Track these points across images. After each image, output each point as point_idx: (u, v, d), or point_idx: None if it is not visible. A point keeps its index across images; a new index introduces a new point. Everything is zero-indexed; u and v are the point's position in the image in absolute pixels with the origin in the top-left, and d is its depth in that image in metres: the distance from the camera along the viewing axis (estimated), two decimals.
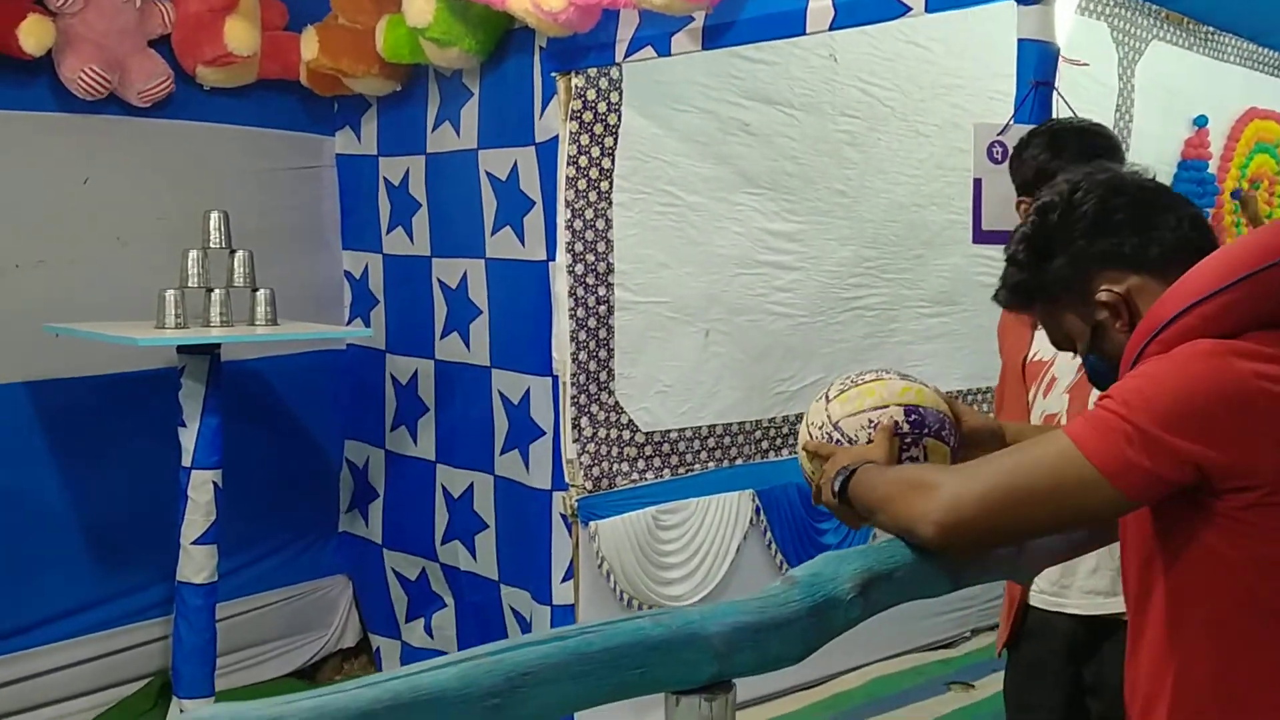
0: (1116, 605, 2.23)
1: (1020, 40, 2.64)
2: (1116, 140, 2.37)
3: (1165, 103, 5.09)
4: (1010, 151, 2.48)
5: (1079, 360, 2.22)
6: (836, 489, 1.57)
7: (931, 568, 1.55)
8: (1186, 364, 1.31)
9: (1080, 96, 3.24)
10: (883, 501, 1.47)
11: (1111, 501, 1.32)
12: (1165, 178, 5.24)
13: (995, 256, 4.82)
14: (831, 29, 2.95)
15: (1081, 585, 2.31)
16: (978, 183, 2.65)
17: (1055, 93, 2.67)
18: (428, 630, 4.31)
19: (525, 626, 3.82)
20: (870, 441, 1.67)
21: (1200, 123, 5.31)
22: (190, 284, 3.54)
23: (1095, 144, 2.26)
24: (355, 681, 1.03)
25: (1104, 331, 1.48)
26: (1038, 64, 2.63)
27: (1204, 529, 1.34)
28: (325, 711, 0.99)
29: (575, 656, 1.17)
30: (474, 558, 4.07)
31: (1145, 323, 1.40)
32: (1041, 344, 2.36)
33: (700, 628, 1.28)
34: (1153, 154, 5.15)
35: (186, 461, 3.54)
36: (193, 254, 3.56)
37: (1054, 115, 2.69)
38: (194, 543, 3.55)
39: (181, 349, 3.50)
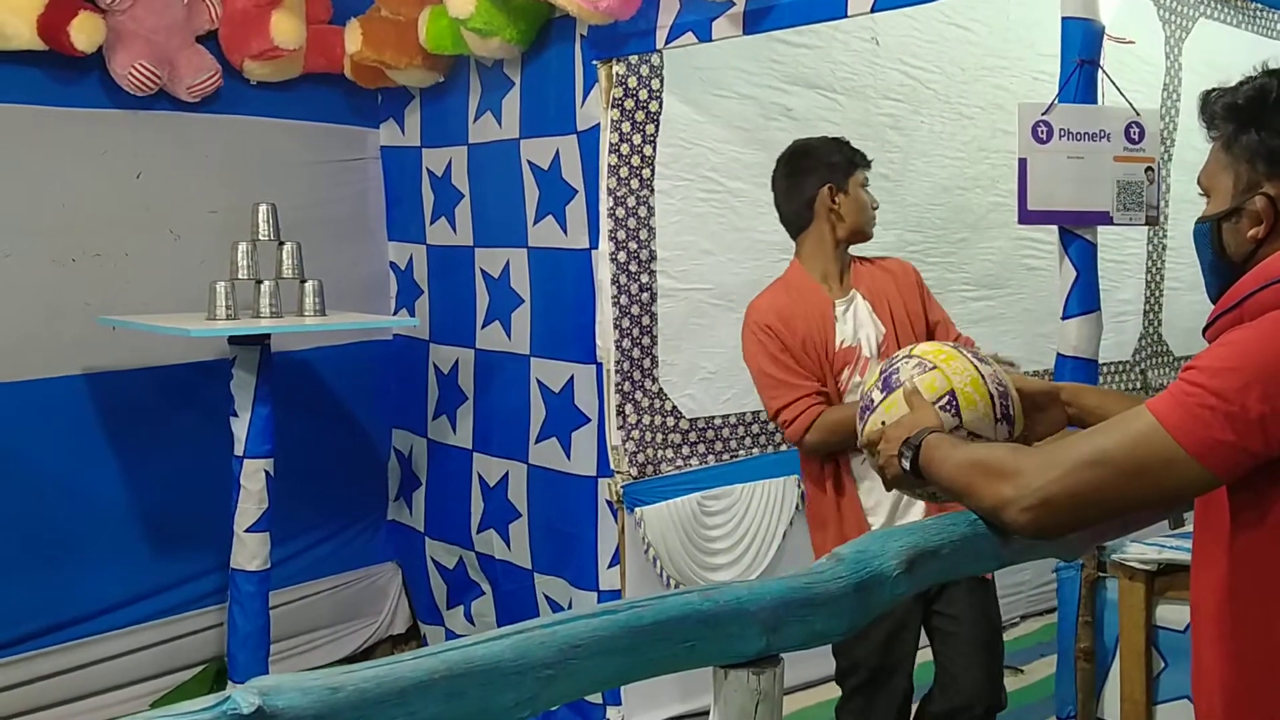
0: None
1: (1064, 19, 2.62)
2: None
3: (1214, 81, 4.93)
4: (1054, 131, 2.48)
5: (878, 336, 2.69)
6: (907, 465, 1.58)
7: (979, 545, 1.56)
8: (1271, 332, 1.30)
9: (1127, 76, 3.22)
10: (964, 486, 1.48)
11: (1200, 479, 1.31)
12: None
13: (1041, 239, 4.78)
14: (873, 11, 2.94)
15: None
16: (1023, 163, 2.64)
17: (1100, 71, 2.64)
18: (468, 617, 4.36)
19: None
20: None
21: None
22: (240, 276, 3.59)
23: None
24: (413, 653, 1.05)
25: (1236, 221, 1.46)
26: (1082, 42, 2.60)
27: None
28: (384, 681, 1.01)
29: (626, 630, 1.19)
30: (508, 546, 4.10)
31: (1260, 271, 1.39)
32: (845, 334, 2.71)
33: (748, 603, 1.30)
34: (1201, 133, 5.07)
35: (239, 450, 3.60)
36: (242, 246, 3.62)
37: (1100, 94, 2.67)
38: (247, 530, 3.61)
39: (232, 340, 3.56)
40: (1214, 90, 1.54)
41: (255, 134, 4.11)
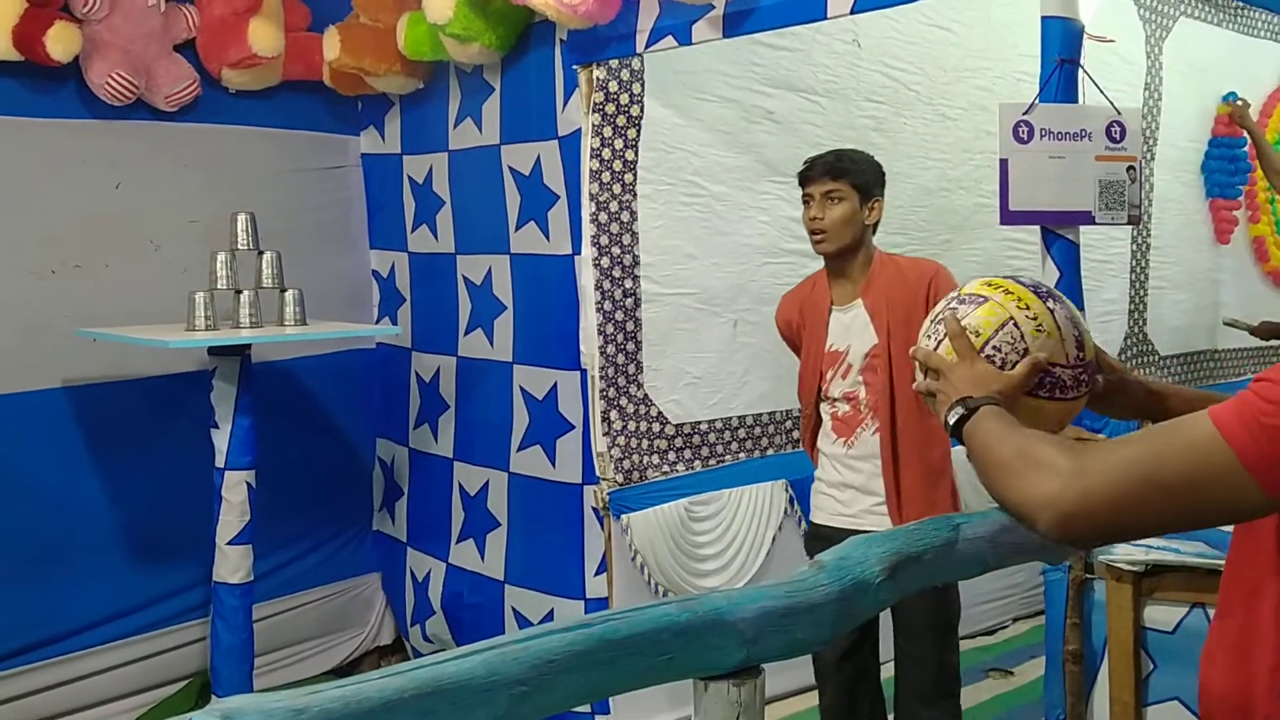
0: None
1: (1044, 18, 2.61)
2: None
3: (1195, 80, 5.03)
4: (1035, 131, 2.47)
5: (867, 347, 2.89)
6: (952, 421, 1.43)
7: (963, 550, 1.54)
8: None
9: (1108, 75, 3.22)
10: (1000, 470, 1.32)
11: (1255, 502, 1.18)
12: (1197, 155, 5.21)
13: (1025, 240, 4.78)
14: (853, 12, 2.92)
15: (871, 511, 2.96)
16: (1004, 163, 2.62)
17: (1081, 70, 2.63)
18: (425, 636, 4.35)
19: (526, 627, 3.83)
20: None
21: (1231, 99, 5.23)
22: (219, 286, 3.56)
23: None
24: (380, 671, 1.03)
25: None
26: (1062, 41, 2.59)
27: None
28: (351, 702, 0.99)
29: (602, 644, 1.16)
30: (482, 558, 4.08)
31: None
32: (835, 338, 2.99)
33: (727, 613, 1.27)
34: (1183, 132, 5.09)
35: (220, 462, 3.56)
36: (221, 256, 3.59)
37: (1081, 93, 2.66)
38: (229, 543, 3.57)
39: (212, 351, 3.53)
40: None
41: (235, 142, 4.08)
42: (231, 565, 3.59)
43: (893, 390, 2.90)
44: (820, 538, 3.03)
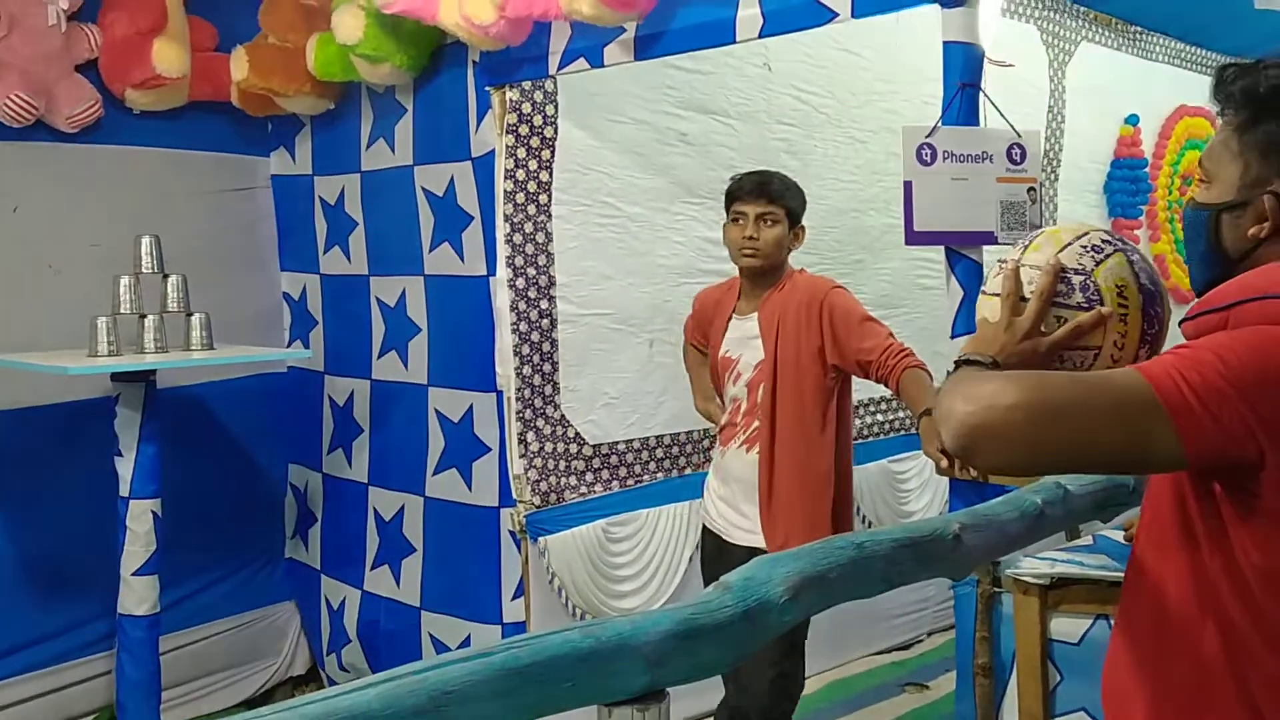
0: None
1: (945, 43, 2.66)
2: None
3: (1097, 103, 5.16)
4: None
5: (755, 360, 2.96)
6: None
7: (867, 568, 1.55)
8: (1270, 342, 1.24)
9: (1013, 98, 3.29)
10: (943, 398, 1.27)
11: (1166, 445, 1.20)
12: (1099, 176, 5.36)
13: (935, 259, 4.84)
14: (761, 36, 2.96)
15: (736, 525, 3.05)
16: (908, 185, 2.67)
17: (982, 94, 2.69)
18: (340, 665, 4.28)
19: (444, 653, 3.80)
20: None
21: (1132, 121, 5.39)
22: (122, 310, 3.48)
23: None
24: (273, 707, 1.01)
25: (1238, 215, 1.37)
26: (964, 66, 2.65)
27: (1234, 526, 1.28)
28: None
29: (502, 673, 1.15)
30: (397, 584, 4.03)
31: (1257, 281, 1.30)
32: (729, 345, 3.09)
33: (631, 637, 1.27)
34: (1086, 153, 5.23)
35: (124, 491, 3.47)
36: (124, 280, 3.50)
37: (982, 117, 2.72)
38: (134, 574, 3.48)
39: (115, 377, 3.44)
40: (1231, 67, 1.41)
41: (139, 164, 4.00)
42: (137, 597, 3.50)
43: (774, 407, 2.96)
44: (705, 533, 3.22)
